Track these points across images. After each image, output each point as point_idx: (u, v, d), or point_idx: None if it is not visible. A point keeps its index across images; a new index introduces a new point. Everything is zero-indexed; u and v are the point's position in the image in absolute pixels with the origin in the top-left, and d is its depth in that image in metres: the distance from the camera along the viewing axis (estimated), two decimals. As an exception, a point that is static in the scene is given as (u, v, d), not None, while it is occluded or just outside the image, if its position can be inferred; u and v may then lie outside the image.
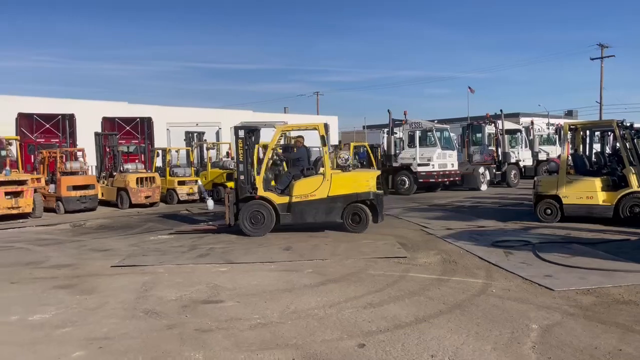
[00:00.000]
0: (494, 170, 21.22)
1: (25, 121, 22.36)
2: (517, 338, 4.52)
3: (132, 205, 16.35)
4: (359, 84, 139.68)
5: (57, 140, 22.27)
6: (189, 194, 18.01)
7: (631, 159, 10.57)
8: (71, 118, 22.75)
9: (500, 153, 21.42)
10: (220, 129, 30.76)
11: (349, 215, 10.46)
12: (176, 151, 21.41)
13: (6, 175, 14.10)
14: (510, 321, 4.94)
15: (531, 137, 25.12)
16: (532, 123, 26.21)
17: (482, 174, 20.47)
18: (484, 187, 20.29)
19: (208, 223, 12.26)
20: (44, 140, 22.33)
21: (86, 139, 21.78)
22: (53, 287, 6.68)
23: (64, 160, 16.55)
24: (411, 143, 19.80)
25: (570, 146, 11.84)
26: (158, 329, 4.97)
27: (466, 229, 10.43)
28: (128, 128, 24.45)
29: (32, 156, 20.39)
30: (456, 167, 19.81)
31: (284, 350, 4.36)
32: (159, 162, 20.92)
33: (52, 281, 6.99)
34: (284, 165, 12.66)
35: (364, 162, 19.93)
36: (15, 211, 13.82)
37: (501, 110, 22.06)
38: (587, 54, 68.31)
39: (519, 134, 24.17)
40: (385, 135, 21.72)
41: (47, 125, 22.64)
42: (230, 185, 11.04)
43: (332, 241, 9.52)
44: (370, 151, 19.53)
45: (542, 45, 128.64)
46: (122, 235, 10.98)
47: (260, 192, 10.39)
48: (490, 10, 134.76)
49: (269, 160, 10.86)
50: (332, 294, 6.03)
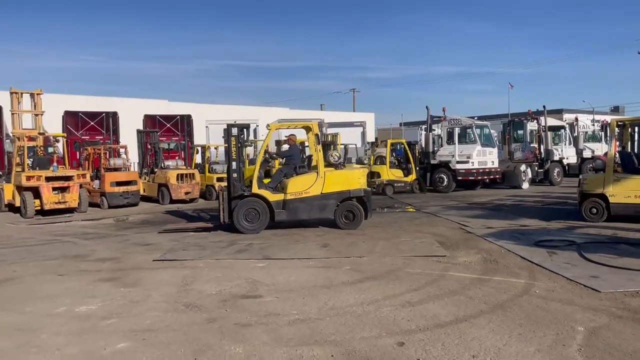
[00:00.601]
0: (536, 168, 20.69)
1: (71, 119, 23.15)
2: (562, 340, 4.39)
3: (172, 201, 16.69)
4: (396, 80, 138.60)
5: (101, 137, 22.99)
6: (227, 190, 18.23)
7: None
8: (114, 116, 23.46)
9: (542, 150, 20.87)
10: (257, 126, 31.10)
11: (342, 213, 10.61)
12: (215, 148, 21.74)
13: (54, 171, 14.61)
14: (554, 323, 4.80)
15: (575, 134, 24.37)
16: (576, 119, 25.42)
17: (524, 171, 19.99)
18: (525, 186, 19.82)
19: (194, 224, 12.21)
20: (88, 137, 23.06)
21: (128, 136, 22.39)
22: (98, 279, 6.89)
23: (107, 156, 17.06)
24: (450, 140, 19.52)
25: (618, 143, 11.42)
26: (199, 322, 5.06)
27: (507, 228, 10.20)
28: (168, 125, 25.01)
29: (78, 153, 21.06)
30: (496, 164, 19.42)
31: (323, 346, 4.37)
32: (198, 158, 21.29)
33: (97, 274, 7.21)
34: (275, 164, 12.64)
35: (401, 160, 19.76)
36: (62, 206, 14.31)
37: (544, 107, 21.50)
38: (634, 47, 65.80)
39: (562, 130, 23.47)
40: (423, 132, 21.46)
41: (92, 123, 23.38)
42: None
43: (369, 239, 9.48)
44: (407, 148, 19.34)
45: (587, 38, 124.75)
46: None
47: (255, 189, 10.49)
48: (531, 3, 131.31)
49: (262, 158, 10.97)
50: (370, 291, 6.00)
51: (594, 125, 27.70)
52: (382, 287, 6.17)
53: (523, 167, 20.02)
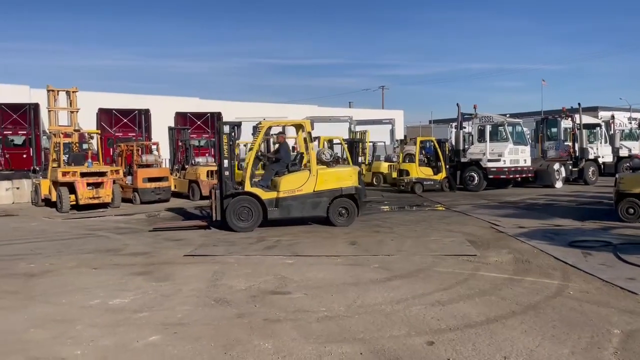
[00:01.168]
0: (570, 167, 20.21)
1: (105, 116, 23.68)
2: (598, 343, 4.28)
3: (202, 197, 16.87)
4: (426, 77, 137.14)
5: (134, 134, 23.45)
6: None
7: None
8: (146, 113, 23.90)
9: (577, 149, 20.37)
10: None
11: (335, 210, 10.70)
12: (244, 145, 21.90)
13: (88, 167, 14.97)
14: (589, 325, 4.69)
15: (611, 132, 23.73)
16: (612, 117, 24.75)
17: (557, 170, 19.54)
18: (559, 185, 19.37)
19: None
20: (121, 134, 23.54)
21: (160, 133, 22.77)
22: (131, 273, 7.03)
23: (139, 153, 17.38)
24: (481, 138, 19.22)
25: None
26: (228, 317, 5.11)
27: (540, 228, 10.00)
28: (199, 123, 25.32)
29: (111, 149, 21.54)
30: (529, 163, 19.03)
31: (352, 344, 4.36)
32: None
33: (130, 268, 7.36)
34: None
35: (431, 158, 19.57)
36: (96, 201, 14.65)
37: (579, 104, 20.97)
38: (675, 43, 63.46)
39: (598, 128, 22.87)
40: (454, 130, 21.22)
41: (125, 120, 23.85)
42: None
43: (397, 237, 9.42)
44: (437, 146, 19.13)
45: (624, 33, 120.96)
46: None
47: (247, 187, 10.50)
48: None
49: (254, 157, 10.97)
50: (399, 290, 5.96)
51: (630, 123, 26.94)
52: (411, 285, 6.12)
53: (556, 166, 19.58)
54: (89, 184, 14.56)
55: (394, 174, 20.57)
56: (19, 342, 4.57)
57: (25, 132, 21.45)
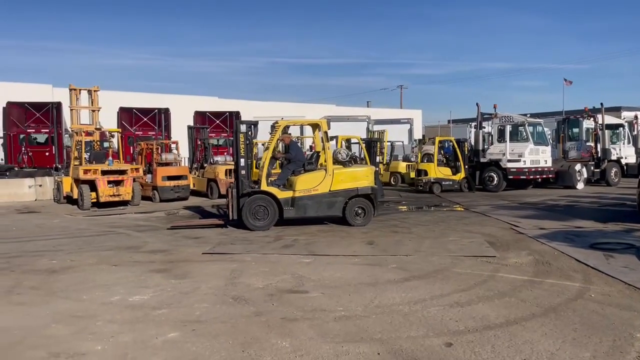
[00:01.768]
0: (592, 168, 19.89)
1: (125, 115, 24.01)
2: (620, 347, 4.20)
3: (220, 196, 16.97)
4: (445, 76, 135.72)
5: (154, 132, 23.73)
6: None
7: None
8: (166, 112, 24.17)
9: (599, 149, 20.03)
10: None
11: (352, 210, 10.70)
12: (262, 144, 21.98)
13: (109, 165, 15.17)
14: (611, 329, 4.60)
15: (635, 132, 23.28)
16: (636, 117, 24.26)
17: (579, 171, 19.25)
18: (580, 186, 19.08)
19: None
20: (142, 132, 23.87)
21: (179, 131, 23.00)
22: (150, 270, 7.10)
23: (159, 151, 17.54)
24: (501, 138, 19.03)
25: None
26: (246, 315, 5.13)
27: (561, 229, 9.85)
28: (218, 122, 25.52)
29: (131, 147, 21.81)
30: (550, 163, 18.78)
31: (369, 344, 4.35)
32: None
33: (149, 265, 7.44)
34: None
35: (450, 158, 19.42)
36: (116, 198, 14.84)
37: (601, 104, 20.61)
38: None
39: (621, 129, 22.47)
40: (473, 130, 21.00)
41: (145, 119, 24.16)
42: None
43: (415, 237, 9.37)
44: (456, 146, 18.98)
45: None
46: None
47: (264, 186, 10.50)
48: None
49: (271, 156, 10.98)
50: (417, 290, 5.93)
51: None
52: (429, 286, 6.08)
53: (578, 167, 19.28)
54: (109, 182, 14.76)
55: (412, 174, 20.48)
56: (40, 337, 4.64)
57: (48, 130, 21.84)
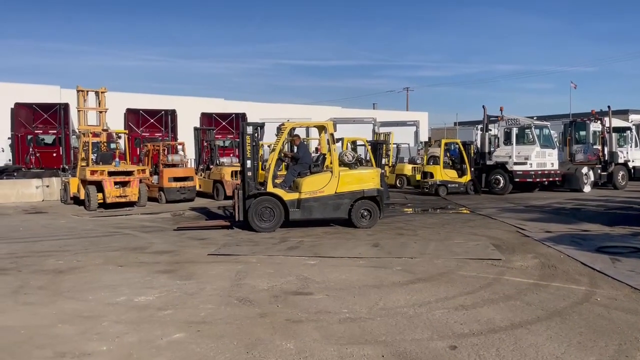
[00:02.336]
0: (599, 171, 19.81)
1: (132, 116, 24.09)
2: (626, 351, 4.18)
3: (226, 197, 17.02)
4: (452, 78, 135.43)
5: (160, 134, 23.80)
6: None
7: None
8: (173, 113, 24.24)
9: (606, 152, 19.95)
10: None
11: (357, 212, 10.70)
12: (268, 146, 22.00)
13: (116, 166, 15.25)
14: (617, 333, 4.59)
15: (642, 135, 23.13)
16: (643, 120, 24.13)
17: (586, 174, 19.17)
18: (587, 189, 19.00)
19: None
20: (148, 134, 23.92)
21: (186, 133, 23.08)
22: (156, 271, 7.13)
23: (166, 153, 17.62)
24: (507, 140, 18.98)
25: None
26: (251, 316, 5.15)
27: (567, 233, 9.81)
28: (224, 123, 25.56)
29: (138, 149, 21.89)
30: (556, 166, 18.71)
31: (373, 346, 4.35)
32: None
33: (155, 266, 7.47)
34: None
35: (455, 160, 19.38)
36: (122, 199, 14.91)
37: (609, 107, 20.53)
38: None
39: (628, 132, 22.33)
40: (479, 132, 21.00)
41: (152, 120, 24.22)
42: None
43: (420, 239, 9.36)
44: (462, 148, 18.94)
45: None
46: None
47: (270, 188, 10.53)
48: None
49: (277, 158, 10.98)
50: (421, 293, 5.92)
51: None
52: (434, 289, 6.08)
53: (585, 170, 19.20)
54: (116, 183, 14.83)
55: (418, 176, 20.45)
56: (47, 337, 4.68)
57: (55, 131, 21.94)
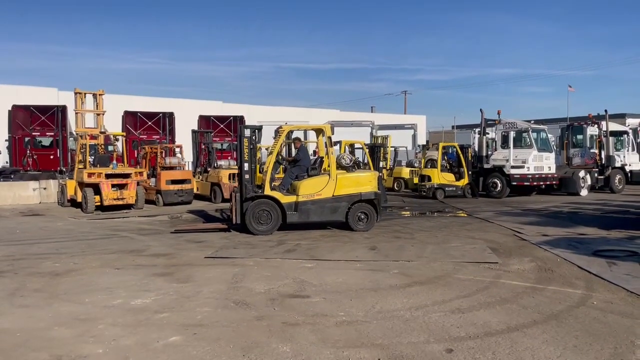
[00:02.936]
0: (596, 175, 19.86)
1: (130, 118, 24.08)
2: (621, 354, 4.20)
3: (224, 200, 17.00)
4: (450, 82, 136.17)
5: (158, 136, 23.81)
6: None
7: None
8: (171, 116, 24.24)
9: (603, 156, 20.01)
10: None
11: (354, 215, 10.70)
12: (266, 149, 22.01)
13: (113, 168, 15.24)
14: (613, 336, 4.60)
15: (639, 139, 23.21)
16: (640, 124, 24.21)
17: (583, 178, 19.22)
18: (584, 193, 19.04)
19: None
20: (146, 136, 23.91)
21: (184, 135, 23.06)
22: (153, 274, 7.13)
23: (163, 155, 17.61)
24: (504, 144, 19.01)
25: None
26: (248, 319, 5.15)
27: (564, 236, 9.84)
28: (222, 126, 25.56)
29: (136, 151, 21.88)
30: (553, 170, 18.75)
31: (370, 349, 4.35)
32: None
33: (152, 269, 7.46)
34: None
35: (453, 163, 19.41)
36: (120, 202, 14.90)
37: (606, 111, 20.62)
38: None
39: (625, 136, 22.42)
40: (477, 136, 21.00)
41: (150, 123, 24.22)
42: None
43: (418, 243, 9.37)
44: (460, 152, 18.97)
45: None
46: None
47: (267, 191, 10.53)
48: (594, 2, 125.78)
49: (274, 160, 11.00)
50: (418, 296, 5.93)
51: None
52: (431, 292, 6.09)
53: (582, 173, 19.26)
54: (113, 185, 14.82)
55: (416, 180, 20.47)
56: (43, 339, 4.67)
57: (52, 133, 21.94)
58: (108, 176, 14.79)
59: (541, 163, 18.40)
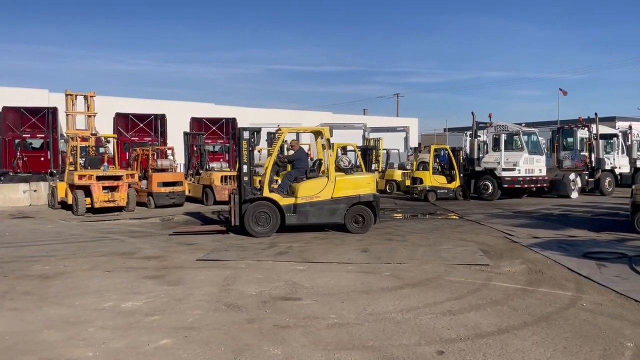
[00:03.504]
0: (586, 177, 20.00)
1: (121, 120, 23.96)
2: (610, 356, 4.23)
3: (216, 202, 16.98)
4: (442, 85, 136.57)
5: (150, 138, 23.69)
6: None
7: None
8: (162, 118, 24.14)
9: (593, 159, 20.17)
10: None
11: (351, 217, 10.73)
12: (258, 151, 22.00)
13: (104, 170, 15.15)
14: (602, 337, 4.63)
15: (629, 142, 23.43)
16: (630, 127, 24.41)
17: (573, 180, 19.35)
18: (574, 195, 19.18)
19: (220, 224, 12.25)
20: (137, 138, 23.80)
21: (175, 138, 22.98)
22: (144, 277, 7.09)
23: (155, 157, 17.53)
24: (496, 147, 19.11)
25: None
26: (239, 322, 5.13)
27: (554, 238, 9.90)
28: (214, 128, 25.50)
29: (127, 153, 21.77)
30: (544, 172, 18.87)
31: (361, 351, 4.36)
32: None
33: (143, 271, 7.43)
34: (287, 167, 12.66)
35: (445, 166, 19.48)
36: (111, 204, 14.81)
37: (596, 114, 20.77)
38: (696, 52, 62.53)
39: (615, 139, 22.63)
40: (468, 138, 21.11)
41: (141, 125, 24.11)
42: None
43: (410, 245, 9.39)
44: (452, 154, 19.04)
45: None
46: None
47: (266, 193, 10.54)
48: (585, 5, 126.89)
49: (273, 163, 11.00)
50: (409, 298, 5.94)
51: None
52: (423, 294, 6.10)
53: (572, 176, 19.39)
54: (104, 188, 14.73)
55: (408, 182, 20.52)
56: (32, 342, 4.63)
57: (43, 135, 21.77)
58: (99, 178, 14.71)
59: (532, 166, 18.50)
